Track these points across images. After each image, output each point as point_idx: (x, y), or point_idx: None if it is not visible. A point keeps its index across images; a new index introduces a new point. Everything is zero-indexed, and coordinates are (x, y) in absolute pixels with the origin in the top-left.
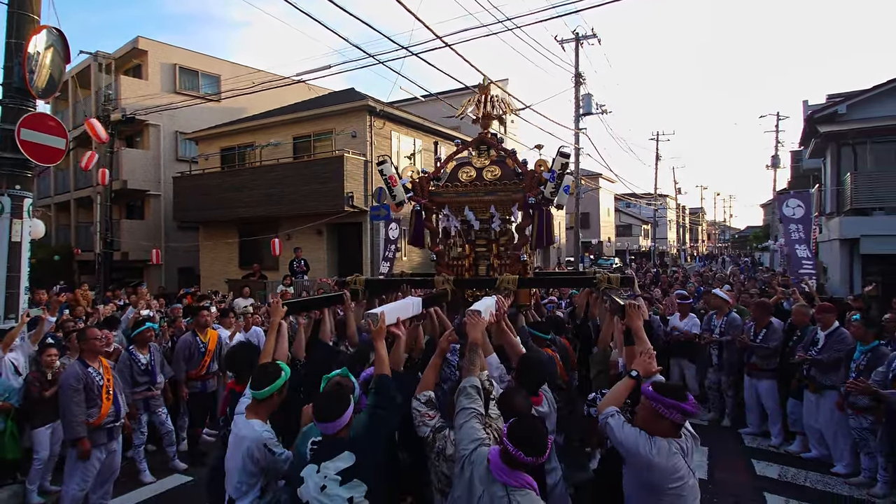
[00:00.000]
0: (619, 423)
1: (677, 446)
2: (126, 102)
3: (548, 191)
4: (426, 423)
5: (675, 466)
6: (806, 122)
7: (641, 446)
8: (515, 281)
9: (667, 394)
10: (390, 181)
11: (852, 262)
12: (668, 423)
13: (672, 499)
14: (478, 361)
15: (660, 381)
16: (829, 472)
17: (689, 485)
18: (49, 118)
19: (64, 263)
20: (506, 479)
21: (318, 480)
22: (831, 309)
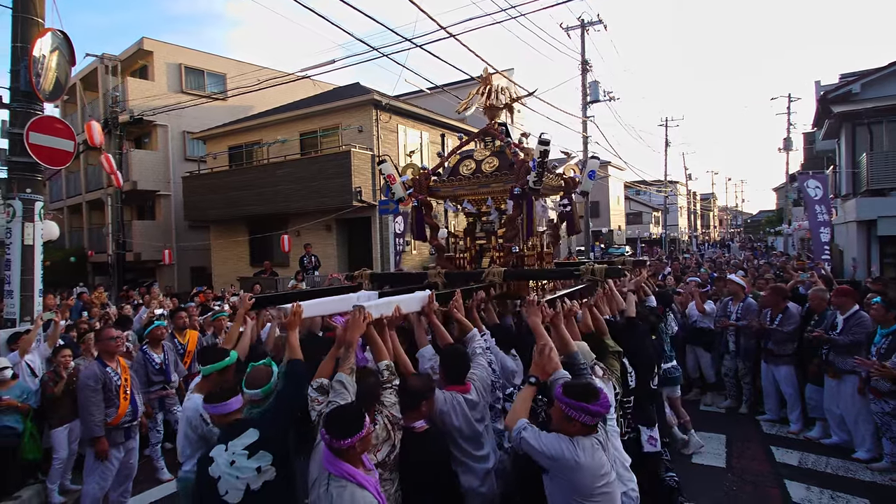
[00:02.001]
0: (535, 433)
1: (596, 441)
2: (133, 104)
3: (531, 180)
4: (314, 409)
5: (601, 462)
6: (819, 102)
7: (565, 450)
8: (501, 273)
9: (573, 395)
10: (389, 180)
11: (869, 244)
12: (577, 425)
13: (603, 497)
14: (351, 358)
15: (568, 383)
16: (851, 457)
17: (613, 479)
18: (57, 121)
19: (78, 265)
20: (328, 466)
21: (228, 457)
22: (850, 292)
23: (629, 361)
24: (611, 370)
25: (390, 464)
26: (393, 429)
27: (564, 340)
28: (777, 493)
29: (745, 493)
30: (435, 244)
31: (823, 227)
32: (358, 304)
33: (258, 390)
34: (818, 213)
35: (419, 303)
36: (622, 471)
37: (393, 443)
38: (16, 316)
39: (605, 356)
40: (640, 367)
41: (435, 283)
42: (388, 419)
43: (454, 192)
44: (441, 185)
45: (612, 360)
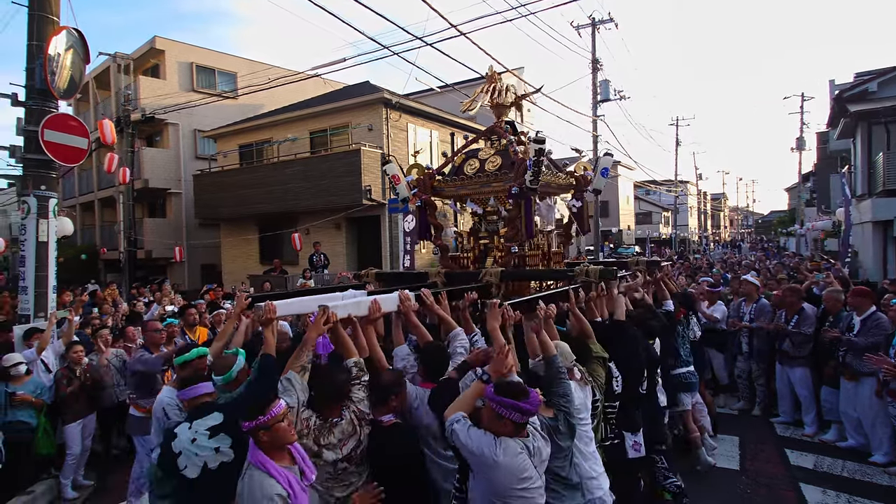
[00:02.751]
0: (464, 427)
1: (523, 446)
2: (145, 102)
3: (528, 179)
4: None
5: (522, 466)
6: (834, 101)
7: (486, 447)
8: (498, 274)
9: (504, 393)
10: (394, 180)
11: (886, 245)
12: (509, 424)
13: (519, 501)
14: (303, 357)
15: (500, 381)
16: (868, 461)
17: (536, 486)
18: (71, 118)
19: (90, 263)
20: (249, 454)
21: (190, 434)
22: (867, 293)
23: (616, 366)
24: (592, 375)
25: (356, 458)
26: (360, 423)
27: (545, 344)
28: (792, 497)
29: (760, 496)
30: (438, 244)
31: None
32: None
33: (220, 377)
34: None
35: (395, 302)
36: (588, 480)
37: (359, 437)
38: (30, 312)
39: (588, 360)
40: (629, 372)
41: (434, 282)
42: (355, 414)
43: (457, 191)
44: (445, 185)
45: (595, 365)
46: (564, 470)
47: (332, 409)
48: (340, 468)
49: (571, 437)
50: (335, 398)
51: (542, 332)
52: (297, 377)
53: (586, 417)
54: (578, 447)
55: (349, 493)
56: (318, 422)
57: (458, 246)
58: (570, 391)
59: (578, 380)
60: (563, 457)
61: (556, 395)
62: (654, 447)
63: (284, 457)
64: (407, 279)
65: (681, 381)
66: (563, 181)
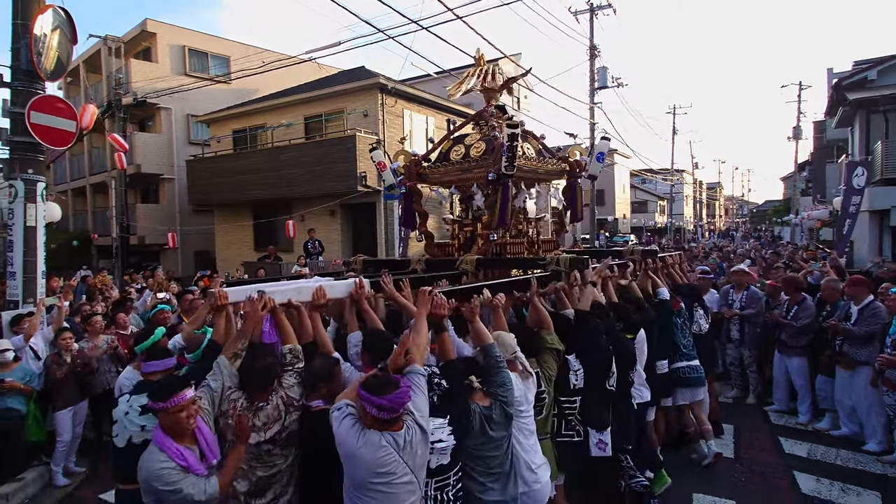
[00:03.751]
0: (340, 416)
1: (391, 439)
2: (137, 86)
3: (503, 165)
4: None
5: (382, 461)
6: (833, 89)
7: (348, 437)
8: (473, 262)
9: (365, 387)
10: (380, 167)
11: (881, 235)
12: (370, 418)
13: (378, 495)
14: (237, 344)
15: (369, 375)
16: (861, 449)
17: (402, 482)
18: (58, 100)
19: (82, 249)
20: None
21: (125, 408)
22: (863, 282)
23: (578, 359)
24: (543, 367)
25: (281, 441)
26: (286, 409)
27: (479, 333)
28: (786, 485)
29: (755, 484)
30: (423, 231)
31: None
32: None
33: (192, 355)
34: (853, 203)
35: (346, 289)
36: (525, 472)
37: (283, 422)
38: (19, 297)
39: (540, 351)
40: (593, 366)
41: (414, 269)
42: (283, 399)
43: (442, 178)
44: (430, 172)
45: (546, 356)
46: (496, 460)
47: (260, 394)
48: (264, 450)
49: (507, 427)
50: (261, 383)
51: (476, 321)
52: (227, 363)
53: (527, 409)
54: (517, 438)
55: (273, 472)
56: (245, 404)
57: (447, 233)
58: (507, 381)
59: (520, 371)
60: (495, 446)
61: (493, 384)
62: (621, 446)
63: (186, 438)
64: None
65: (679, 377)
66: (553, 167)
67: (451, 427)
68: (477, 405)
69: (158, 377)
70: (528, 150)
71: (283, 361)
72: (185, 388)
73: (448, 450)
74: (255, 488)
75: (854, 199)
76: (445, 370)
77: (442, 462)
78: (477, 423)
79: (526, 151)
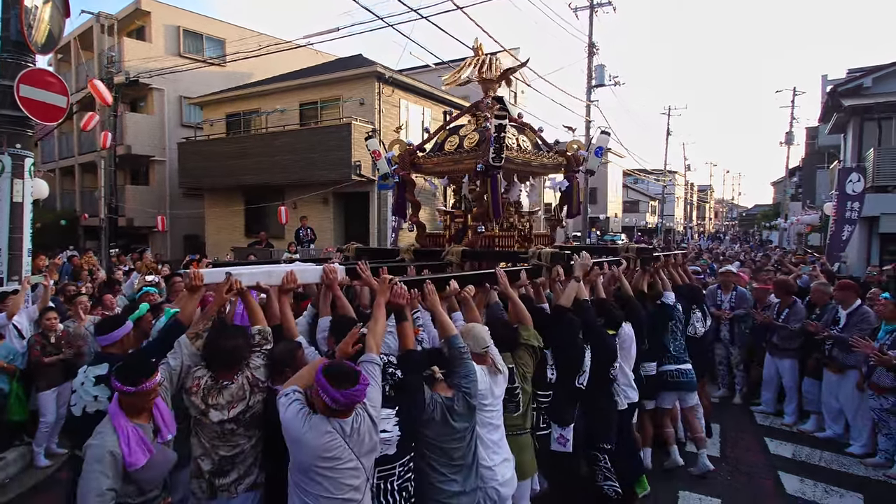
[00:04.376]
0: (286, 402)
1: (337, 426)
2: (129, 65)
3: (491, 156)
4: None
5: (327, 446)
6: (829, 95)
7: (294, 422)
8: (459, 253)
9: (324, 373)
10: (374, 156)
11: (871, 241)
12: (321, 403)
13: (322, 479)
14: (200, 324)
15: (333, 362)
16: (844, 452)
17: (346, 467)
18: (49, 74)
19: (69, 228)
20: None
21: (82, 378)
22: (851, 286)
23: (552, 355)
24: (518, 362)
25: (244, 421)
26: (251, 389)
27: (443, 324)
28: (771, 485)
29: (740, 483)
30: (414, 221)
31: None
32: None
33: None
34: (847, 209)
35: (317, 274)
36: (483, 469)
37: (248, 402)
38: (3, 275)
39: (516, 346)
40: (564, 363)
41: (402, 258)
42: (248, 380)
43: (435, 168)
44: (424, 161)
45: (522, 352)
46: (458, 451)
47: (226, 373)
48: (227, 429)
49: (469, 418)
50: (227, 363)
51: (440, 312)
52: (188, 343)
53: (493, 404)
54: (479, 433)
55: (236, 453)
56: (210, 382)
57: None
58: (471, 373)
59: (490, 366)
60: (458, 438)
61: (456, 375)
62: (598, 445)
63: (141, 414)
64: (384, 255)
65: (666, 380)
66: (549, 160)
67: (398, 418)
68: (439, 396)
69: (116, 348)
70: (524, 142)
71: (252, 342)
72: (155, 374)
73: (392, 441)
74: (217, 468)
75: (853, 206)
76: (403, 360)
77: (387, 452)
78: (439, 413)
79: (521, 144)
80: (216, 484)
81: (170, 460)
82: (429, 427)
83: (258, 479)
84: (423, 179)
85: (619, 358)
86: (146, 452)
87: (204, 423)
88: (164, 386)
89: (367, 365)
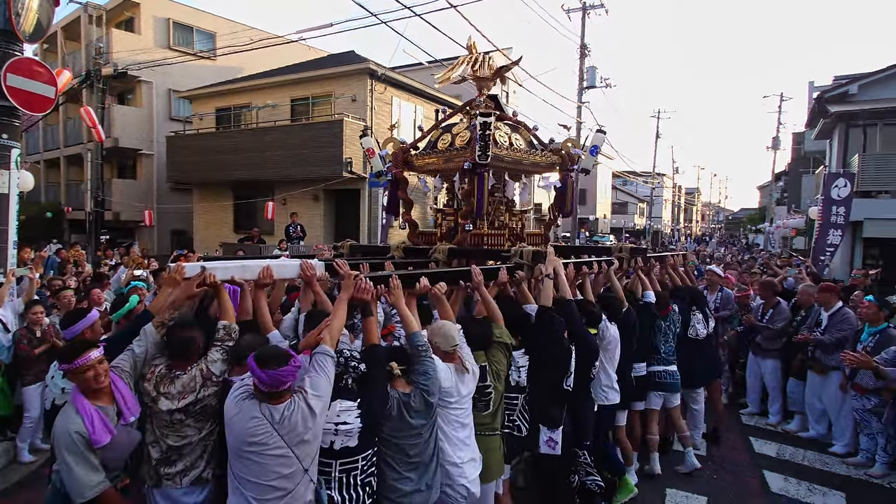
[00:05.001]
0: (235, 388)
1: (267, 412)
2: (118, 57)
3: (476, 154)
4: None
5: (252, 431)
6: (816, 101)
7: (230, 405)
8: (445, 251)
9: (255, 357)
10: (368, 154)
11: (854, 245)
12: (254, 386)
13: (250, 464)
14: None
15: (266, 347)
16: (827, 451)
17: (273, 454)
18: (37, 64)
19: (54, 221)
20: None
21: (52, 372)
22: (833, 289)
23: (536, 355)
24: (491, 361)
25: (194, 412)
26: (204, 382)
27: (405, 320)
28: (756, 483)
29: (725, 482)
30: (407, 219)
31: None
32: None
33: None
34: (832, 214)
35: (294, 270)
36: (449, 466)
37: (198, 395)
38: None
39: (489, 345)
40: (547, 363)
41: (392, 255)
42: (202, 372)
43: (426, 166)
44: (416, 159)
45: (495, 351)
46: (414, 448)
47: (180, 363)
48: (176, 419)
49: (426, 415)
50: (179, 353)
51: (403, 308)
52: (153, 330)
53: (459, 403)
54: (445, 431)
55: (184, 443)
56: (164, 371)
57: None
58: (431, 370)
59: (457, 364)
60: (414, 434)
61: (416, 372)
62: (579, 441)
63: (102, 397)
64: (377, 252)
65: (654, 381)
66: (542, 159)
67: (360, 410)
68: (396, 391)
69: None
70: (518, 140)
71: (215, 336)
72: (89, 350)
73: (354, 432)
74: (164, 457)
75: (838, 210)
76: (366, 354)
77: (348, 444)
78: (395, 409)
79: (514, 142)
80: (161, 472)
81: (133, 440)
82: (385, 422)
83: (205, 473)
84: (418, 178)
85: (601, 358)
86: (108, 433)
87: (154, 410)
88: (126, 371)
89: (318, 356)
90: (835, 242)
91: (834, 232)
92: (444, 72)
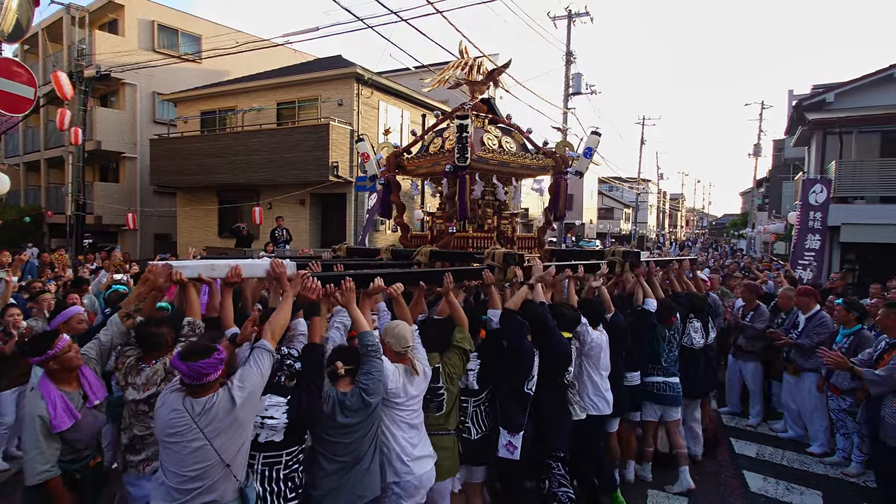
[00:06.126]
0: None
1: (189, 405)
2: (100, 59)
3: (456, 157)
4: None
5: (171, 423)
6: (794, 109)
7: (159, 398)
8: (427, 254)
9: (180, 351)
10: (363, 158)
11: (831, 250)
12: (181, 380)
13: (171, 454)
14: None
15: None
16: (805, 451)
17: (192, 446)
18: (16, 64)
19: (34, 226)
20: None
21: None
22: (811, 292)
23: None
24: (447, 363)
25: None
26: (166, 376)
27: (357, 321)
28: (736, 483)
29: (707, 483)
30: (399, 222)
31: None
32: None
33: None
34: (810, 219)
35: (263, 269)
36: (397, 464)
37: (159, 388)
38: None
39: (446, 348)
40: (507, 366)
41: (381, 258)
42: (164, 366)
43: (417, 170)
44: (407, 163)
45: (451, 354)
46: (343, 448)
47: (147, 356)
48: (140, 409)
49: (362, 414)
50: (148, 346)
51: (353, 308)
52: (118, 321)
53: (406, 403)
54: (390, 430)
55: (147, 434)
56: (133, 362)
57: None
58: (375, 370)
59: (408, 365)
60: (344, 433)
61: (360, 371)
62: (551, 453)
63: (70, 382)
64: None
65: (651, 392)
66: (532, 161)
67: (288, 407)
68: (334, 390)
69: None
70: (508, 143)
71: (181, 332)
72: (56, 339)
73: (279, 428)
74: (130, 444)
75: (815, 216)
76: (305, 353)
77: (272, 439)
78: (329, 407)
79: (505, 145)
80: (127, 459)
81: (99, 422)
82: (317, 419)
83: None
84: (410, 182)
85: (584, 365)
86: (72, 417)
87: (126, 399)
88: (93, 359)
89: (257, 350)
90: (813, 247)
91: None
92: (435, 76)
